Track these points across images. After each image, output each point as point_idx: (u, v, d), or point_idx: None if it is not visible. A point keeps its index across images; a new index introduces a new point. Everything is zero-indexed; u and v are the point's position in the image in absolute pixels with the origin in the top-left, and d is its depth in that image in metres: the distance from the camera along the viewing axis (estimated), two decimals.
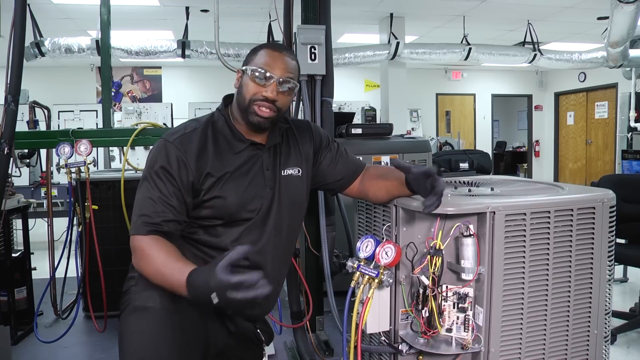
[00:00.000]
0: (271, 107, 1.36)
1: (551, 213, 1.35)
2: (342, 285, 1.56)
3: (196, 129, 1.39)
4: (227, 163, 1.37)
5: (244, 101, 1.37)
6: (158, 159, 1.34)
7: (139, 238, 1.28)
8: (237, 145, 1.40)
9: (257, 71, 1.35)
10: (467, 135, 9.93)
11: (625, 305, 3.25)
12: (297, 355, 2.52)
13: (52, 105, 4.89)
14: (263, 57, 1.37)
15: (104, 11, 2.70)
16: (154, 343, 1.28)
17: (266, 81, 1.34)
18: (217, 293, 1.05)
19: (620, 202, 1.51)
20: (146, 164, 1.37)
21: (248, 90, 1.37)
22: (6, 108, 2.00)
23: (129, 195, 2.83)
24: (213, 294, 1.05)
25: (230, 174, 1.36)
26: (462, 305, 1.34)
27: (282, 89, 1.36)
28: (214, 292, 1.05)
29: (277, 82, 1.35)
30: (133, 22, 5.93)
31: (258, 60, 1.37)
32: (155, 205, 1.30)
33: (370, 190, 1.52)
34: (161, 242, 1.27)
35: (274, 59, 1.36)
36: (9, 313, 2.89)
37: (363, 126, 3.64)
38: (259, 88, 1.35)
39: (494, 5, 5.71)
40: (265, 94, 1.35)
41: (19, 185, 3.61)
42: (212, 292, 1.05)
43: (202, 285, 1.09)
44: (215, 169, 1.35)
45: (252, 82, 1.36)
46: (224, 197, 1.34)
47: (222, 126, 1.41)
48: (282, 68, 1.36)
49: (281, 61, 1.37)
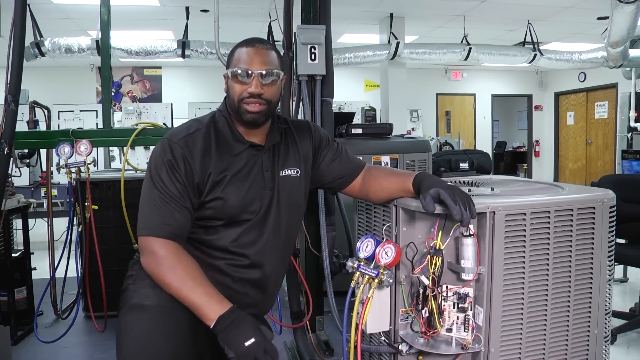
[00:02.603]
0: (259, 102, 1.37)
1: (551, 213, 1.35)
2: (342, 285, 1.56)
3: (199, 130, 1.39)
4: (229, 165, 1.38)
5: (234, 103, 1.39)
6: (164, 159, 1.34)
7: (156, 243, 1.29)
8: (237, 146, 1.41)
9: (237, 72, 1.36)
10: (467, 135, 9.93)
11: (625, 305, 3.25)
12: (297, 355, 2.52)
13: (52, 105, 4.89)
14: (239, 55, 1.39)
15: (104, 11, 2.70)
16: (151, 341, 1.28)
17: (248, 78, 1.36)
18: (255, 342, 1.19)
19: (620, 202, 1.50)
20: (150, 164, 1.37)
21: (234, 91, 1.38)
22: (6, 108, 2.00)
23: (129, 195, 2.86)
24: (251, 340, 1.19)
25: (232, 175, 1.37)
26: (462, 305, 1.34)
27: (266, 82, 1.37)
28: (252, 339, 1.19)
29: (258, 76, 1.36)
30: (133, 22, 5.93)
31: (236, 61, 1.39)
32: (166, 204, 1.30)
33: (372, 189, 1.52)
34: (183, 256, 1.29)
35: (250, 55, 1.38)
36: (9, 313, 2.89)
37: (363, 126, 3.64)
38: (243, 87, 1.37)
39: (494, 5, 5.71)
40: (250, 90, 1.36)
41: (19, 185, 3.61)
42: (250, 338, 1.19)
43: (242, 324, 1.21)
44: (217, 171, 1.36)
45: (236, 83, 1.38)
46: (226, 198, 1.35)
47: (222, 127, 1.42)
48: (260, 62, 1.37)
49: (257, 55, 1.38)
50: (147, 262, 1.31)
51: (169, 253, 1.28)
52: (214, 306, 1.23)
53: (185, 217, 1.32)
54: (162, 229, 1.29)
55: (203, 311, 1.23)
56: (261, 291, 1.46)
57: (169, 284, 1.27)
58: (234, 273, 1.40)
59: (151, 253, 1.29)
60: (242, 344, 1.18)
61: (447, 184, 1.28)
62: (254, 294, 1.44)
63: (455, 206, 1.20)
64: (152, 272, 1.30)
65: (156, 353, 1.26)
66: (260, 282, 1.45)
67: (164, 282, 1.28)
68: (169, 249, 1.29)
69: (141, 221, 1.33)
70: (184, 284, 1.25)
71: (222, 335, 1.21)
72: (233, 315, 1.22)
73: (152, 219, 1.31)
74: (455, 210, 1.20)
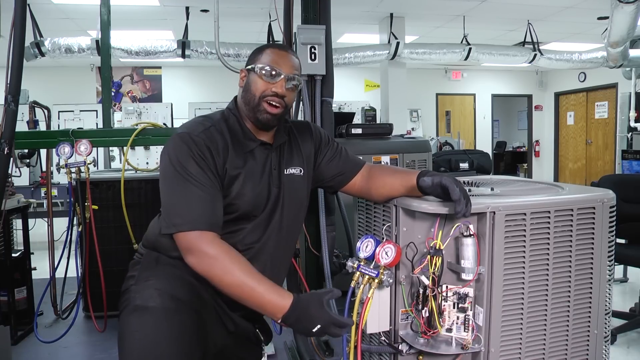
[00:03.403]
0: (280, 103, 1.39)
1: (551, 213, 1.35)
2: (342, 285, 1.56)
3: (213, 126, 1.39)
4: (243, 161, 1.38)
5: (254, 99, 1.39)
6: (190, 150, 1.30)
7: (201, 238, 1.25)
8: (248, 144, 1.41)
9: (265, 69, 1.37)
10: (467, 135, 9.93)
11: (625, 305, 3.25)
12: (297, 355, 2.52)
13: (52, 105, 4.90)
14: (270, 55, 1.41)
15: (104, 11, 2.70)
16: (154, 342, 1.27)
17: (275, 78, 1.38)
18: (323, 326, 1.21)
19: (620, 202, 1.50)
20: (172, 158, 1.31)
21: (257, 87, 1.39)
22: (6, 108, 2.00)
23: (129, 195, 2.87)
24: (317, 327, 1.21)
25: (246, 172, 1.38)
26: (462, 305, 1.34)
27: (289, 86, 1.40)
28: (319, 325, 1.21)
29: (285, 79, 1.38)
30: (133, 22, 5.93)
31: (265, 59, 1.40)
32: (205, 196, 1.28)
33: (374, 186, 1.51)
34: (234, 253, 1.27)
35: (281, 57, 1.40)
36: (9, 313, 2.89)
37: (363, 126, 3.64)
38: (267, 85, 1.38)
39: (494, 5, 5.71)
40: (275, 90, 1.37)
41: (19, 185, 3.61)
42: (316, 324, 1.21)
43: (305, 316, 1.22)
44: (233, 166, 1.36)
45: (261, 79, 1.38)
46: (242, 195, 1.36)
47: (233, 124, 1.42)
48: (289, 65, 1.40)
49: (287, 59, 1.41)
50: (198, 263, 1.26)
51: (220, 252, 1.25)
52: (278, 303, 1.22)
53: (221, 206, 1.32)
54: (204, 222, 1.26)
55: (268, 310, 1.24)
56: None
57: (228, 284, 1.24)
58: None
59: (201, 252, 1.25)
60: (311, 331, 1.22)
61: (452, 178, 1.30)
62: None
63: (456, 189, 1.23)
64: (206, 273, 1.26)
65: (160, 355, 1.26)
66: None
67: (221, 283, 1.25)
68: (219, 247, 1.26)
69: (177, 217, 1.27)
70: (245, 284, 1.23)
71: (293, 328, 1.28)
72: (296, 309, 1.21)
73: (190, 212, 1.26)
74: (455, 194, 1.23)
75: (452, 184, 1.26)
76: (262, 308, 1.24)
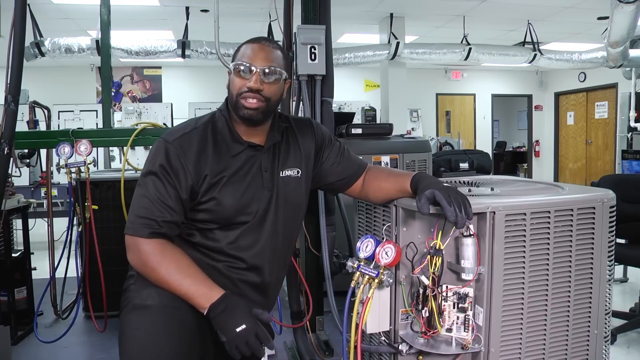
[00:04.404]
0: (257, 97, 1.35)
1: (551, 213, 1.35)
2: (342, 285, 1.56)
3: (196, 129, 1.38)
4: (225, 166, 1.37)
5: (232, 97, 1.38)
6: (157, 159, 1.34)
7: (141, 241, 1.30)
8: (235, 147, 1.39)
9: (239, 66, 1.36)
10: (467, 135, 9.94)
11: (625, 305, 3.25)
12: (297, 355, 2.52)
13: (52, 105, 4.90)
14: (244, 51, 1.39)
15: (104, 11, 2.70)
16: (154, 341, 1.28)
17: (249, 74, 1.35)
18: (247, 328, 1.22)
19: (620, 202, 1.50)
20: (145, 164, 1.38)
21: (234, 85, 1.38)
22: (6, 108, 2.00)
23: (129, 195, 2.82)
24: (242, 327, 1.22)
25: (228, 177, 1.36)
26: (462, 305, 1.34)
27: (268, 80, 1.36)
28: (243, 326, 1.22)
29: (260, 73, 1.35)
30: (133, 22, 5.93)
31: (240, 56, 1.38)
32: (153, 205, 1.31)
33: (370, 190, 1.52)
34: (168, 249, 1.31)
35: (254, 50, 1.37)
36: (9, 313, 2.89)
37: (363, 126, 3.64)
38: (243, 81, 1.36)
39: (494, 5, 5.71)
40: (249, 85, 1.35)
41: (19, 185, 3.61)
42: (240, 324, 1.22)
43: (232, 312, 1.23)
44: (213, 172, 1.35)
45: (237, 77, 1.37)
46: (221, 201, 1.34)
47: (221, 127, 1.41)
48: (263, 58, 1.36)
49: (262, 52, 1.37)
50: (133, 260, 1.33)
51: (152, 249, 1.30)
52: (206, 294, 1.26)
53: (168, 214, 1.31)
54: (143, 228, 1.29)
55: (195, 300, 1.27)
56: (261, 293, 1.46)
57: (157, 279, 1.30)
58: (233, 275, 1.40)
59: (137, 251, 1.31)
60: (234, 329, 1.22)
61: (444, 185, 1.27)
62: (254, 296, 1.44)
63: (449, 207, 1.20)
64: (140, 270, 1.33)
65: (160, 353, 1.26)
66: (260, 285, 1.44)
67: (152, 279, 1.31)
68: (153, 245, 1.30)
69: (128, 220, 1.34)
70: (172, 277, 1.28)
71: (215, 322, 1.25)
72: (225, 301, 1.25)
73: (135, 218, 1.31)
74: (449, 211, 1.20)
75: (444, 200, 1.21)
76: (190, 298, 1.27)
